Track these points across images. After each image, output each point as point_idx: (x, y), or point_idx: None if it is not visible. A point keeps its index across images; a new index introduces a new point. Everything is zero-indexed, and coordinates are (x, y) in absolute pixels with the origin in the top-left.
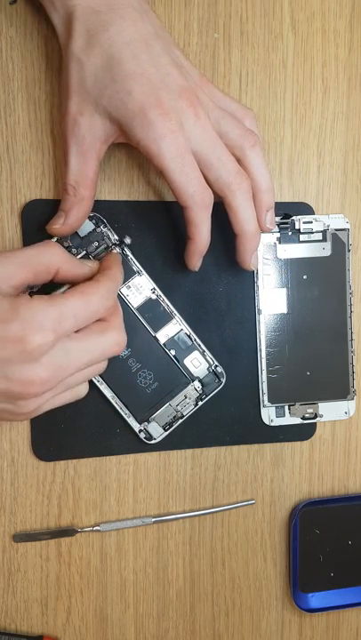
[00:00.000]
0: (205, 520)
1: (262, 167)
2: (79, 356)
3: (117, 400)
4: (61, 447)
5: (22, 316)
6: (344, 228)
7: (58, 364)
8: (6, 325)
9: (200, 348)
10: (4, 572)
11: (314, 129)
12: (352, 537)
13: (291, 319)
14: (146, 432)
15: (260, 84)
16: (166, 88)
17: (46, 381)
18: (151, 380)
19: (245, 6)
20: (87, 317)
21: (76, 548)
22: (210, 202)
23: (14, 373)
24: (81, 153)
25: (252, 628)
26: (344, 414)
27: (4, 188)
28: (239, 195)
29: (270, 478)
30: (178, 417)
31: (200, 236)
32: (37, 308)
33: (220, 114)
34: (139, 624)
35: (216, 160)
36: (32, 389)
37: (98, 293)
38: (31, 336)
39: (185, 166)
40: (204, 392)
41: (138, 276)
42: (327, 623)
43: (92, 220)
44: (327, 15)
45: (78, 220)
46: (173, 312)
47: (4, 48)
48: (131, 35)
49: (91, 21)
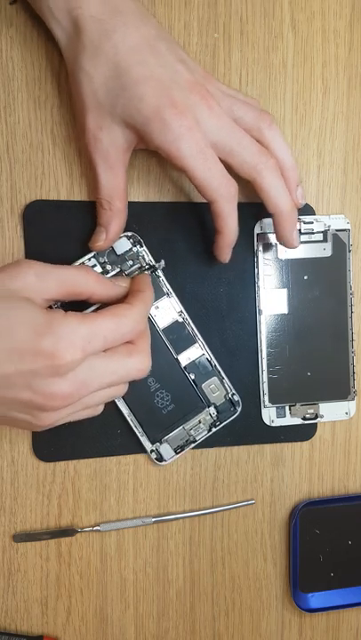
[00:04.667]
0: (205, 520)
1: (283, 144)
2: (103, 374)
3: (133, 418)
4: (62, 448)
5: (55, 332)
6: (345, 229)
7: (82, 381)
8: (39, 339)
9: (219, 375)
10: (4, 572)
11: (314, 129)
12: (352, 537)
13: (291, 319)
14: (157, 453)
15: (260, 83)
16: (177, 86)
17: (68, 396)
18: (168, 402)
19: (245, 6)
20: (116, 339)
21: (76, 548)
22: (235, 192)
23: (39, 386)
24: (109, 167)
25: (252, 628)
26: (345, 415)
27: (4, 188)
28: (267, 173)
29: (270, 478)
30: (190, 441)
31: (229, 228)
32: (70, 325)
33: (231, 101)
34: (139, 624)
35: (237, 145)
36: (54, 403)
37: (130, 317)
38: (61, 352)
39: (207, 161)
40: (219, 419)
41: (167, 297)
42: (327, 623)
43: (130, 240)
44: (327, 15)
45: (118, 233)
46: (197, 336)
47: (4, 48)
48: (134, 40)
49: (94, 31)
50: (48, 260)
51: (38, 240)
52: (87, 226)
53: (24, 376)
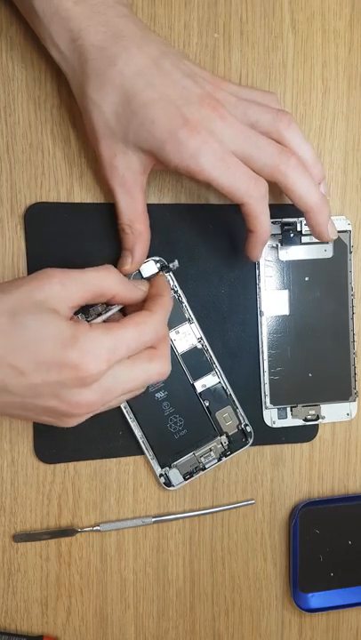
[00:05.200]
0: (205, 520)
1: (303, 142)
2: (125, 381)
3: (145, 440)
4: (64, 450)
5: (81, 345)
6: (346, 230)
7: (106, 389)
8: (66, 352)
9: (234, 405)
10: (4, 572)
11: (314, 129)
12: (352, 537)
13: (293, 321)
14: (166, 477)
15: (260, 84)
16: (186, 103)
17: (93, 404)
18: (181, 427)
19: (245, 6)
20: (139, 347)
21: (76, 548)
22: (265, 190)
23: (65, 395)
24: (126, 191)
25: (252, 628)
26: (346, 416)
27: (4, 188)
28: (290, 172)
29: (270, 478)
30: (199, 468)
31: (262, 226)
32: (95, 337)
33: (244, 105)
34: (139, 624)
35: (255, 149)
36: (79, 411)
37: (151, 324)
38: (87, 365)
39: (229, 167)
40: (230, 448)
41: (188, 323)
42: (327, 623)
43: (158, 264)
44: (327, 15)
45: (144, 255)
46: (215, 364)
47: (4, 48)
48: (139, 63)
49: (97, 60)
50: (48, 260)
51: (39, 241)
52: (88, 227)
53: (51, 386)
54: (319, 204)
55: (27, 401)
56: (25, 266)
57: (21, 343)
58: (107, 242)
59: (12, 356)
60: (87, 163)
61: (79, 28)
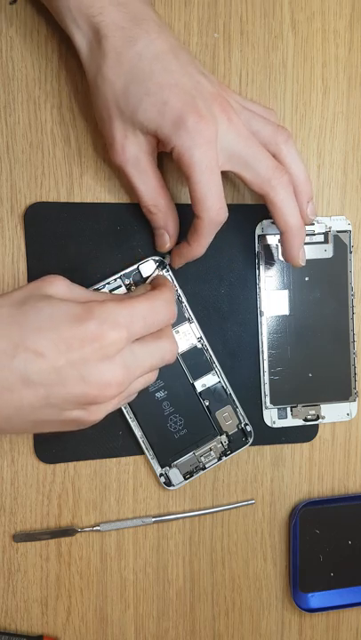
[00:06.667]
0: (205, 520)
1: (298, 159)
2: (143, 359)
3: (145, 440)
4: (64, 450)
5: (98, 315)
6: (346, 230)
7: (128, 365)
8: (83, 324)
9: (234, 404)
10: (4, 572)
11: (314, 129)
12: (352, 537)
13: (293, 321)
14: (166, 477)
15: (260, 84)
16: (200, 95)
17: (121, 383)
18: (181, 426)
19: (245, 6)
20: (154, 323)
21: (76, 547)
22: (223, 220)
23: (91, 374)
24: (142, 172)
25: (252, 628)
26: (346, 416)
27: (4, 187)
28: (280, 189)
29: (270, 478)
30: (200, 468)
31: (199, 247)
32: (111, 307)
33: (249, 114)
34: (139, 624)
35: (253, 158)
36: (109, 391)
37: (162, 299)
38: (108, 332)
39: (210, 181)
40: (230, 448)
41: (188, 323)
42: (327, 623)
43: (157, 263)
44: (327, 15)
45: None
46: (215, 363)
47: (4, 48)
48: (158, 48)
49: (117, 38)
50: (48, 260)
51: (39, 241)
52: (88, 227)
53: (75, 366)
54: (298, 227)
55: (52, 391)
56: (25, 265)
57: (36, 326)
58: (107, 242)
59: (29, 339)
60: (87, 163)
61: (101, 4)
